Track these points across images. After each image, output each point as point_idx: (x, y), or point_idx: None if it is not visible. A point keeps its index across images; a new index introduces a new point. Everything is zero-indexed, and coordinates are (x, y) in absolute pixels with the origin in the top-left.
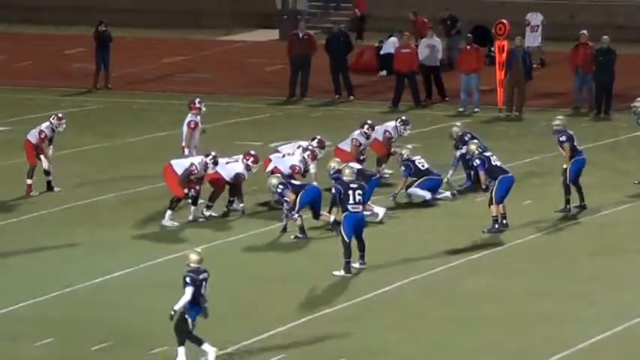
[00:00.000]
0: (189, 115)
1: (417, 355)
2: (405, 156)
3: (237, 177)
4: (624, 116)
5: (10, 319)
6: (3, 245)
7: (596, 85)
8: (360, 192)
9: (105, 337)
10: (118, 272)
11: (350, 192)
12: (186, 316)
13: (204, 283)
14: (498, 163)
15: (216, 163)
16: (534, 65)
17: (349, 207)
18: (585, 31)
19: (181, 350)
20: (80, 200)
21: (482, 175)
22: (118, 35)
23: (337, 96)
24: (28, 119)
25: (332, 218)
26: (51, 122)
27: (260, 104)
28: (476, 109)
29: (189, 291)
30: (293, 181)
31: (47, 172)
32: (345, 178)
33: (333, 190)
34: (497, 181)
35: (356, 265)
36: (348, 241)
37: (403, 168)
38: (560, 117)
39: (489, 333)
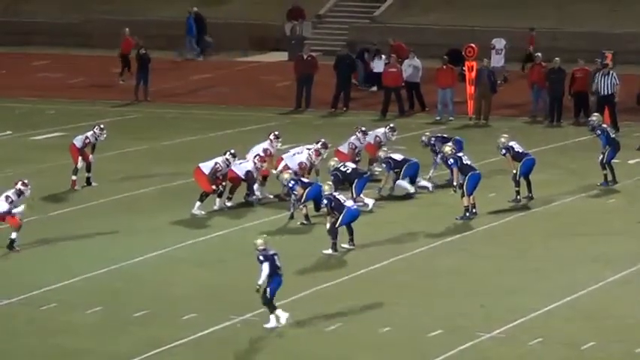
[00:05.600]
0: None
1: (402, 318)
2: (383, 156)
3: (247, 174)
4: (573, 124)
5: (66, 292)
6: (59, 231)
7: (550, 98)
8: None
9: (144, 306)
10: (154, 252)
11: (339, 197)
12: (267, 288)
13: (275, 257)
14: (469, 162)
15: (234, 156)
16: (498, 82)
17: (347, 205)
18: (540, 54)
19: (273, 317)
20: (122, 193)
21: (455, 171)
22: (156, 57)
23: (333, 109)
24: (81, 126)
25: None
26: (94, 132)
27: (271, 114)
28: (450, 118)
29: (266, 266)
30: (303, 179)
31: (87, 169)
32: (326, 193)
33: (325, 202)
34: (467, 177)
35: (346, 245)
36: (338, 226)
37: (384, 165)
38: (505, 135)
39: (462, 302)
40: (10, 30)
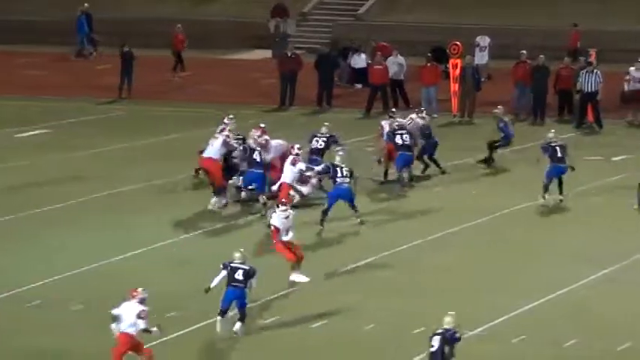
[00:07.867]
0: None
1: (387, 315)
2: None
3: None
4: (556, 122)
5: (49, 289)
6: (43, 228)
7: (533, 96)
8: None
9: None
10: (137, 250)
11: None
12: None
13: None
14: (406, 142)
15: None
16: (482, 79)
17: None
18: (525, 51)
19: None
20: (106, 191)
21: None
22: (141, 54)
23: (319, 107)
24: (66, 123)
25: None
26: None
27: (256, 111)
28: (434, 115)
29: (222, 273)
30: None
31: None
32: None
33: (323, 166)
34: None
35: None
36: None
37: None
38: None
39: (446, 299)
40: None
